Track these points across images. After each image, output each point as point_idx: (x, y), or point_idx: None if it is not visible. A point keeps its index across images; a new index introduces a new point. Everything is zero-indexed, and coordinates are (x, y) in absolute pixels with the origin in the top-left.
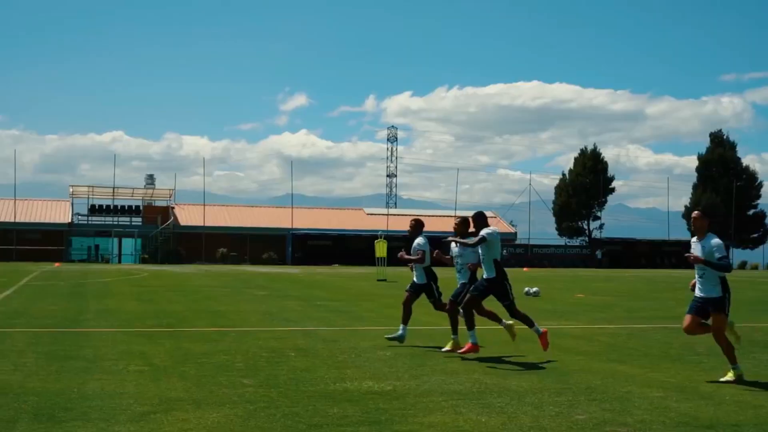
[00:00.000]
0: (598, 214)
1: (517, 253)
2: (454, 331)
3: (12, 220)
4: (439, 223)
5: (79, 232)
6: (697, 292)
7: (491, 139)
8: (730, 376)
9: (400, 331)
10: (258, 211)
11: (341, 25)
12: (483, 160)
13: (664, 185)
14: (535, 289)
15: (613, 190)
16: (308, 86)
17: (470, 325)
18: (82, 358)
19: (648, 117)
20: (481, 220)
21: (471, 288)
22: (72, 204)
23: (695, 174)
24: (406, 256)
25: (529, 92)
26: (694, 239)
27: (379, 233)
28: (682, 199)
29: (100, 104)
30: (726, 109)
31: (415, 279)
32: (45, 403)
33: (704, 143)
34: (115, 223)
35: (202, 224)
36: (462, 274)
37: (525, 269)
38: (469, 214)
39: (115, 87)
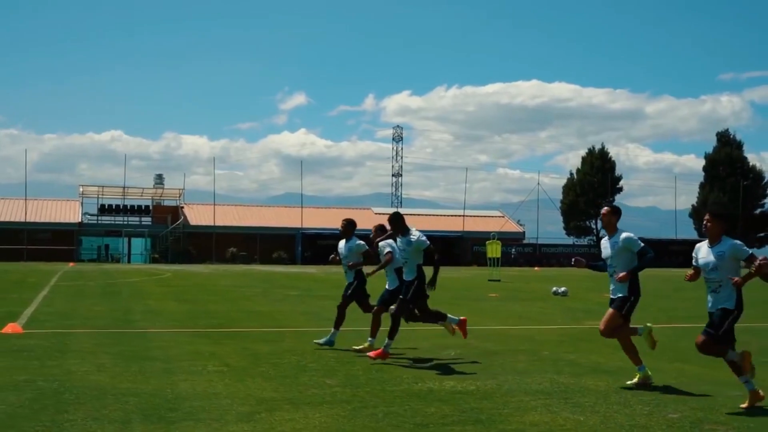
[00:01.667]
0: None
1: (526, 252)
2: (372, 334)
3: (23, 219)
4: (450, 222)
5: (90, 232)
6: (612, 292)
7: (490, 138)
8: (639, 378)
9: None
10: (267, 211)
11: (340, 24)
12: (482, 159)
13: (663, 184)
14: (563, 288)
15: (620, 189)
16: (307, 85)
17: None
18: (155, 358)
19: (647, 116)
20: (399, 222)
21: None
22: (81, 204)
23: (694, 173)
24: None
25: (528, 91)
26: (605, 238)
27: None
28: (681, 198)
29: (99, 103)
30: (725, 108)
31: (347, 279)
32: (146, 404)
33: (703, 142)
34: (125, 222)
35: (212, 224)
36: (390, 277)
37: (536, 268)
38: (478, 214)
39: (114, 86)
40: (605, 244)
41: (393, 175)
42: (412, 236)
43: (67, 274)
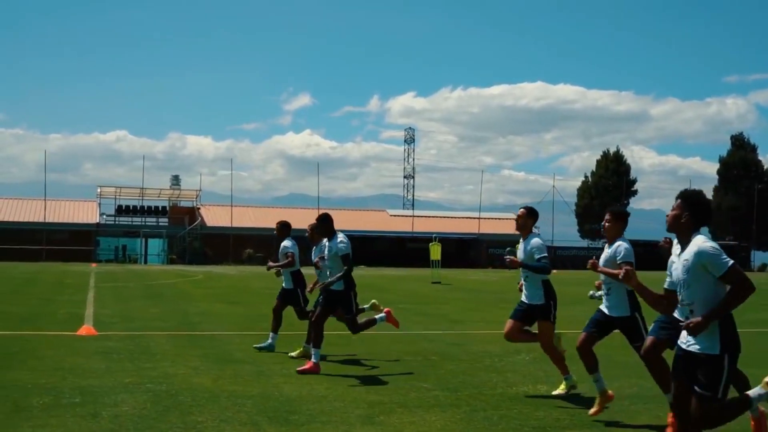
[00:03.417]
0: None
1: None
2: (308, 341)
3: (41, 220)
4: (464, 224)
5: (107, 233)
6: (523, 296)
7: (495, 140)
8: (562, 388)
9: (269, 340)
10: (281, 212)
11: (345, 25)
12: (486, 160)
13: (668, 187)
14: (600, 292)
15: (635, 192)
16: (312, 86)
17: (317, 343)
18: (242, 361)
19: (652, 118)
20: (325, 224)
21: (322, 302)
22: (99, 204)
23: (698, 175)
24: (274, 264)
25: (532, 93)
26: (521, 240)
27: (433, 236)
28: None
29: (104, 104)
30: (730, 111)
31: (283, 284)
32: (263, 407)
33: (708, 144)
34: (143, 223)
35: (228, 225)
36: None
37: (554, 271)
38: (493, 216)
39: (119, 86)
40: (520, 246)
41: (405, 177)
42: (334, 242)
43: (100, 276)
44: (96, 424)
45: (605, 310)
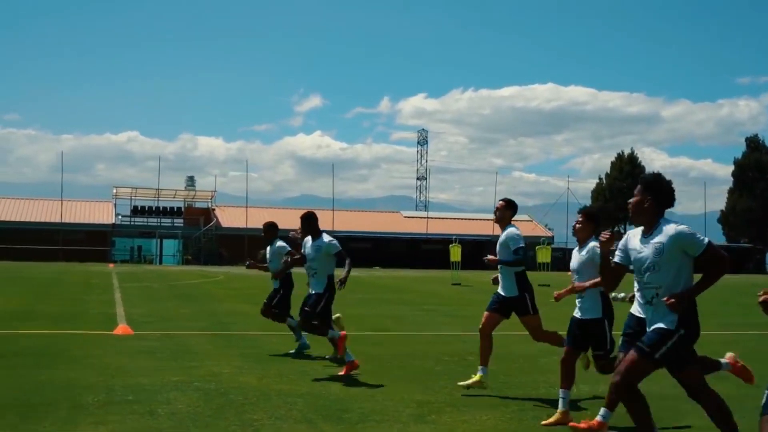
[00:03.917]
0: None
1: (556, 256)
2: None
3: (58, 220)
4: (478, 226)
5: (123, 233)
6: (499, 288)
7: (505, 142)
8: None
9: (297, 343)
10: (297, 213)
11: (356, 26)
12: (497, 162)
13: (680, 189)
14: (621, 294)
15: None
16: (323, 87)
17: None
18: (283, 360)
19: (664, 120)
20: (311, 222)
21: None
22: (115, 205)
23: (709, 177)
24: (278, 271)
25: (543, 94)
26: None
27: (453, 237)
28: (698, 203)
29: (116, 104)
30: (742, 113)
31: (274, 286)
32: (315, 405)
33: (719, 147)
34: (159, 224)
35: (244, 226)
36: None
37: (570, 273)
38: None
39: (131, 87)
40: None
41: (418, 178)
42: (322, 240)
43: (122, 276)
44: (154, 421)
45: (578, 315)
